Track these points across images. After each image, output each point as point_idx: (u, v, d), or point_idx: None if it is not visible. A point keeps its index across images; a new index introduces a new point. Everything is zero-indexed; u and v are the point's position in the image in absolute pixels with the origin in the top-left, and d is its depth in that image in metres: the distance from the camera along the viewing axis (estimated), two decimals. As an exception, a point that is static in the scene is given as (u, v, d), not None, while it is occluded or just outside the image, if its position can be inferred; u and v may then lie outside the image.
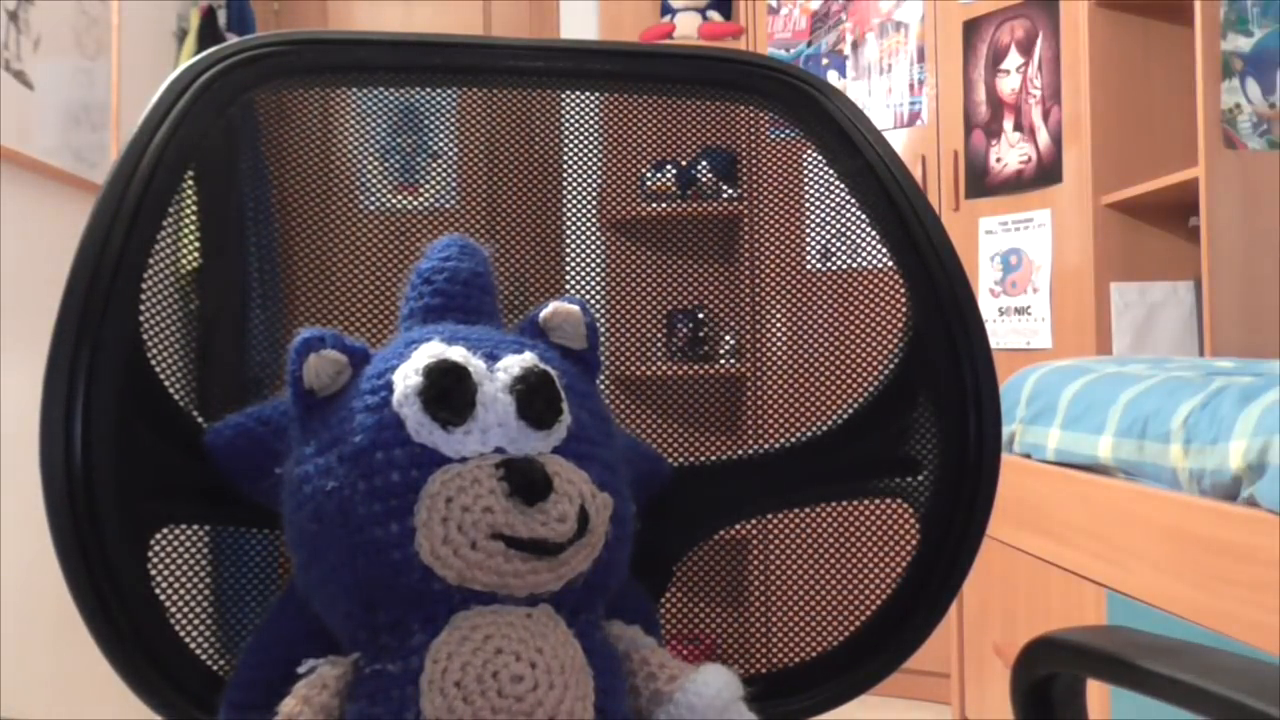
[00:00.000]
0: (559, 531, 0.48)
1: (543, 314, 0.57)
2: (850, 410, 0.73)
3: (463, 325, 0.55)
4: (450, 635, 0.47)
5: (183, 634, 0.62)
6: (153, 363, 0.62)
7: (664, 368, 0.80)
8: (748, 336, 0.84)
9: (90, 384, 0.58)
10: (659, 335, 0.79)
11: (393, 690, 0.47)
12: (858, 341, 0.77)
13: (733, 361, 0.81)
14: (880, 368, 0.75)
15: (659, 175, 1.74)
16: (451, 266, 0.58)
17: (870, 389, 0.74)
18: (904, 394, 0.73)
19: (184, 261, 0.68)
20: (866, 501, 0.76)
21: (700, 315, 1.57)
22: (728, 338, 1.75)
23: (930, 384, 0.72)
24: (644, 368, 0.77)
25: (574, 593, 0.50)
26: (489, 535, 0.47)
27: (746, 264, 0.82)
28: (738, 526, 0.75)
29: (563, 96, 0.78)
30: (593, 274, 0.76)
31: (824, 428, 0.74)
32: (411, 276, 0.59)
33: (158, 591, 0.61)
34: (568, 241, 0.77)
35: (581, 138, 0.79)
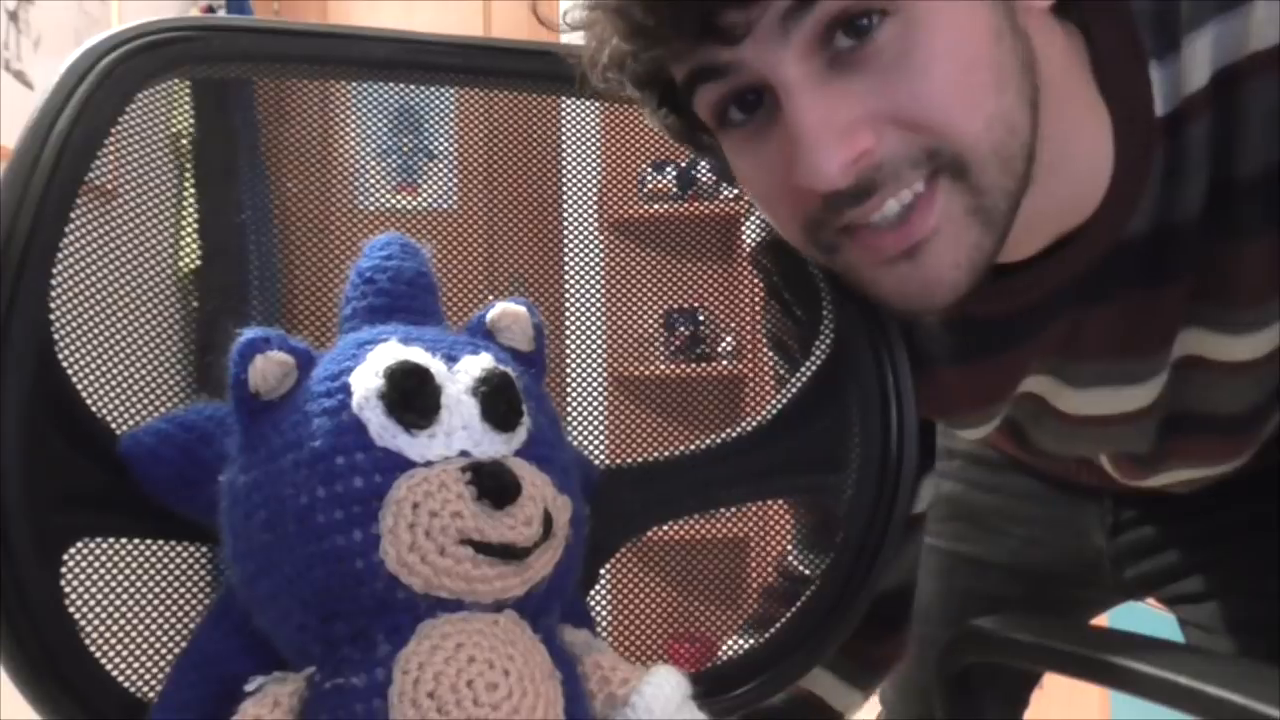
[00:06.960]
0: (526, 535, 0.47)
1: (490, 315, 0.56)
2: (777, 408, 0.74)
3: (413, 326, 0.53)
4: (420, 645, 0.45)
5: (98, 654, 0.58)
6: (65, 365, 0.58)
7: (663, 368, 0.79)
8: (748, 336, 0.84)
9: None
10: (659, 335, 0.78)
11: (357, 704, 0.45)
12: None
13: (732, 361, 0.82)
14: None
15: (659, 175, 1.74)
16: (394, 266, 0.56)
17: (798, 385, 0.75)
18: (831, 390, 0.74)
19: (184, 261, 0.65)
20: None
21: (700, 315, 1.56)
22: (728, 338, 1.75)
23: (855, 380, 0.73)
24: (644, 368, 0.77)
25: (536, 598, 0.50)
26: (458, 541, 0.46)
27: (747, 264, 0.82)
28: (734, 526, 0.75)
29: (562, 97, 0.76)
30: (593, 274, 0.75)
31: (750, 426, 0.75)
32: (350, 275, 0.57)
33: (71, 609, 0.57)
34: (567, 242, 0.76)
35: (581, 138, 0.77)
